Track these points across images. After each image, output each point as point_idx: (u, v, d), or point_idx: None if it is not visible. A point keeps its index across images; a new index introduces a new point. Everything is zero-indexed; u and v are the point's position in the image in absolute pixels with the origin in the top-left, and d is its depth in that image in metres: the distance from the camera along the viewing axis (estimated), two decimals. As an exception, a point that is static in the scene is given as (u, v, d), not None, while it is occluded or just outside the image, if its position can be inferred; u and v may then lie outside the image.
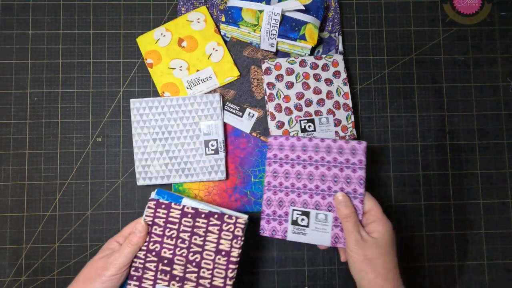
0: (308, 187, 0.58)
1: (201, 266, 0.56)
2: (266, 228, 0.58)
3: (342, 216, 0.54)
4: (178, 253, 0.56)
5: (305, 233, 0.57)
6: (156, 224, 0.57)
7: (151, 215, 0.57)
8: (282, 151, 0.60)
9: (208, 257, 0.56)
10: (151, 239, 0.56)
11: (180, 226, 0.57)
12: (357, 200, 0.56)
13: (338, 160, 0.57)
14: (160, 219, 0.57)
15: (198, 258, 0.56)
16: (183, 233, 0.57)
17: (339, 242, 0.56)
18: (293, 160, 0.59)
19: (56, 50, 0.71)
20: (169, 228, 0.57)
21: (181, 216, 0.57)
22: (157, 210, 0.57)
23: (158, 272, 0.55)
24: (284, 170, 0.59)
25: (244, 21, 0.68)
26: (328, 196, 0.57)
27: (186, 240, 0.56)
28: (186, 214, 0.57)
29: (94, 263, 0.54)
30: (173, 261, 0.56)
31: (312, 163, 0.58)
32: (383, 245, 0.52)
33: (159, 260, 0.56)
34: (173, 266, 0.56)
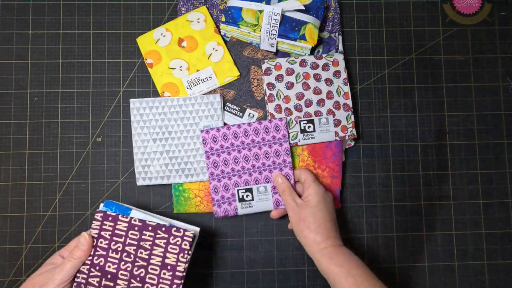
0: (246, 168, 0.66)
1: (146, 281, 0.54)
2: (219, 212, 0.66)
3: (280, 191, 0.64)
4: (123, 268, 0.54)
5: (252, 206, 0.66)
6: (102, 237, 0.55)
7: (97, 227, 0.56)
8: (216, 142, 0.66)
9: (153, 271, 0.54)
10: (96, 252, 0.55)
11: (126, 239, 0.55)
12: (287, 168, 0.66)
13: (266, 139, 0.66)
14: (106, 231, 0.56)
15: (142, 273, 0.54)
16: (128, 247, 0.55)
17: (281, 205, 0.66)
18: (228, 148, 0.66)
19: (56, 50, 0.71)
20: (114, 241, 0.55)
21: (127, 228, 0.56)
22: (103, 222, 0.56)
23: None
24: (223, 158, 0.66)
25: (244, 21, 0.68)
26: (263, 171, 0.66)
27: (132, 254, 0.55)
28: (133, 227, 0.56)
29: (32, 279, 0.52)
30: (117, 276, 0.54)
31: (245, 147, 0.66)
32: (314, 204, 0.59)
33: (102, 275, 0.54)
34: (116, 281, 0.54)
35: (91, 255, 0.55)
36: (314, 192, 0.61)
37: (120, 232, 0.56)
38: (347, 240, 0.69)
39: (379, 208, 0.70)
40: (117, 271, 0.54)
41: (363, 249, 0.69)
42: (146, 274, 0.54)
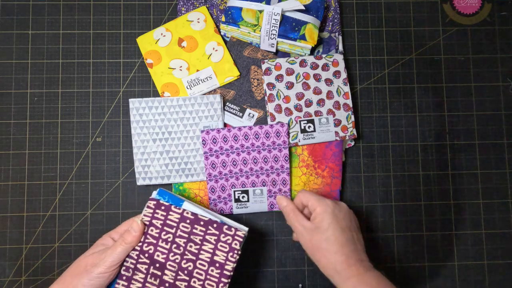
0: (244, 171, 0.66)
1: (193, 275, 0.54)
2: (214, 210, 0.66)
3: (285, 215, 0.59)
4: (171, 259, 0.54)
5: (247, 207, 0.67)
6: (153, 225, 0.55)
7: (149, 215, 0.56)
8: (216, 144, 0.66)
9: (201, 267, 0.54)
10: (145, 240, 0.55)
11: (177, 230, 0.55)
12: (285, 173, 0.67)
13: (266, 144, 0.66)
14: (158, 220, 0.55)
15: (191, 267, 0.54)
16: (179, 239, 0.55)
17: (275, 207, 0.67)
18: (227, 150, 0.66)
19: (56, 50, 0.71)
20: (165, 231, 0.55)
21: (179, 220, 0.55)
22: (156, 211, 0.56)
23: (148, 276, 0.54)
24: (221, 160, 0.66)
25: (244, 21, 0.68)
26: (261, 175, 0.66)
27: (181, 246, 0.55)
28: (185, 219, 0.55)
29: (84, 258, 0.53)
30: (165, 266, 0.54)
31: (244, 150, 0.66)
32: (325, 228, 0.53)
33: (151, 262, 0.54)
34: (164, 271, 0.54)
35: (141, 241, 0.54)
36: (322, 212, 0.54)
37: (172, 223, 0.55)
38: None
39: (379, 208, 0.70)
40: (166, 262, 0.54)
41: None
42: (194, 269, 0.54)
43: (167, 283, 0.54)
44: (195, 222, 0.55)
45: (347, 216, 0.56)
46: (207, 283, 0.54)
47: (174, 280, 0.54)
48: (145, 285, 0.53)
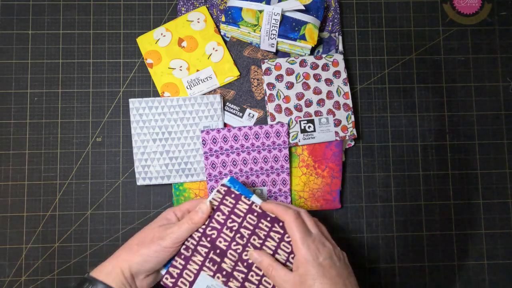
0: (244, 171, 0.66)
1: (252, 269, 0.52)
2: None
3: (264, 270, 0.52)
4: (233, 248, 0.53)
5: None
6: (221, 211, 0.54)
7: (218, 200, 0.54)
8: (216, 144, 0.66)
9: None
10: (210, 223, 0.53)
11: (243, 221, 0.54)
12: (285, 173, 0.67)
13: (266, 144, 0.66)
14: (226, 207, 0.54)
15: (250, 260, 0.53)
16: (244, 229, 0.54)
17: None
18: (227, 150, 0.66)
19: (56, 50, 0.71)
20: (232, 219, 0.54)
21: (247, 211, 0.54)
22: (225, 197, 0.54)
23: (207, 260, 0.53)
24: (221, 160, 0.66)
25: (244, 21, 0.68)
26: (261, 175, 0.66)
27: (245, 238, 0.53)
28: (253, 212, 0.54)
29: (151, 229, 0.53)
30: (226, 253, 0.53)
31: (244, 150, 0.66)
32: (310, 285, 0.47)
33: (212, 247, 0.53)
34: (224, 258, 0.53)
35: (204, 224, 0.53)
36: (306, 262, 0.48)
37: (239, 213, 0.54)
38: (347, 240, 0.69)
39: (379, 208, 0.70)
40: (227, 249, 0.53)
41: (363, 249, 0.69)
42: (253, 263, 0.53)
43: (224, 271, 0.52)
44: (262, 217, 0.54)
45: (333, 259, 0.49)
46: (264, 280, 0.52)
47: (232, 270, 0.53)
48: (202, 268, 0.53)
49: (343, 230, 0.69)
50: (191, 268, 0.53)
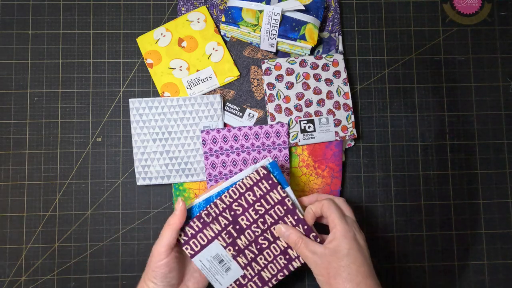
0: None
1: (262, 253, 0.55)
2: None
3: (291, 245, 0.53)
4: (253, 229, 0.54)
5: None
6: (253, 191, 0.54)
7: (254, 180, 0.54)
8: (216, 144, 0.66)
9: (273, 250, 0.55)
10: (238, 199, 0.54)
11: (271, 209, 0.54)
12: (285, 173, 0.66)
13: (266, 144, 0.66)
14: (259, 190, 0.54)
15: (265, 245, 0.55)
16: (268, 217, 0.54)
17: None
18: (227, 150, 0.66)
19: (56, 50, 0.71)
20: (261, 203, 0.54)
21: (278, 202, 0.54)
22: (262, 180, 0.54)
23: (224, 231, 0.54)
24: (221, 160, 0.66)
25: (244, 21, 0.68)
26: None
27: (267, 224, 0.54)
28: (283, 205, 0.54)
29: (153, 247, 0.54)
30: (244, 232, 0.54)
31: (244, 150, 0.66)
32: (344, 253, 0.48)
33: (232, 222, 0.54)
34: (240, 235, 0.54)
35: (233, 198, 0.54)
36: (342, 236, 0.49)
37: (270, 200, 0.54)
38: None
39: (379, 208, 0.70)
40: (246, 228, 0.54)
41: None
42: (266, 248, 0.55)
43: (237, 246, 0.54)
44: (290, 213, 0.54)
45: (367, 247, 0.51)
46: (270, 266, 0.55)
47: (245, 248, 0.55)
48: (217, 237, 0.54)
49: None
50: (206, 234, 0.54)
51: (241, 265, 0.55)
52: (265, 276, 0.55)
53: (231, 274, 0.55)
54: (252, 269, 0.55)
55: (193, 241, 0.54)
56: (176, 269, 0.53)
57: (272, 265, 0.55)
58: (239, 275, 0.55)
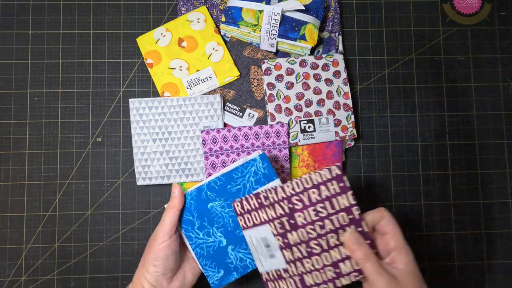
0: None
1: (310, 258, 0.49)
2: None
3: (358, 259, 0.47)
4: (307, 230, 0.49)
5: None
6: (319, 190, 0.49)
7: (324, 178, 0.49)
8: (216, 144, 0.66)
9: (324, 259, 0.49)
10: (300, 194, 0.50)
11: (334, 215, 0.49)
12: (285, 173, 0.66)
13: (266, 144, 0.66)
14: (326, 191, 0.49)
15: (316, 251, 0.49)
16: (329, 222, 0.49)
17: None
18: (227, 150, 0.66)
19: (56, 50, 0.71)
20: (324, 205, 0.49)
21: (344, 209, 0.49)
22: (332, 181, 0.49)
23: (278, 220, 0.51)
24: (221, 160, 0.66)
25: (244, 21, 0.68)
26: None
27: (324, 230, 0.49)
28: (349, 213, 0.49)
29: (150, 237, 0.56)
30: (297, 229, 0.50)
31: (244, 150, 0.66)
32: (412, 275, 0.46)
33: (289, 215, 0.50)
34: (292, 231, 0.50)
35: (294, 192, 0.50)
36: (410, 261, 0.47)
37: (336, 205, 0.49)
38: (347, 240, 0.69)
39: (379, 208, 0.70)
40: (301, 226, 0.50)
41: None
42: (316, 254, 0.49)
43: (286, 239, 0.50)
44: (355, 223, 0.49)
45: None
46: (315, 274, 0.49)
47: (294, 245, 0.50)
48: (270, 223, 0.51)
49: (343, 230, 0.69)
50: (261, 215, 0.52)
51: (285, 259, 0.51)
52: (307, 281, 0.50)
53: (274, 262, 0.52)
54: (296, 268, 0.50)
55: (247, 216, 0.53)
56: (176, 252, 0.54)
57: (318, 273, 0.49)
58: (281, 267, 0.51)
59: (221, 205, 0.56)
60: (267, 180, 0.56)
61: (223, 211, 0.56)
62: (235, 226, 0.56)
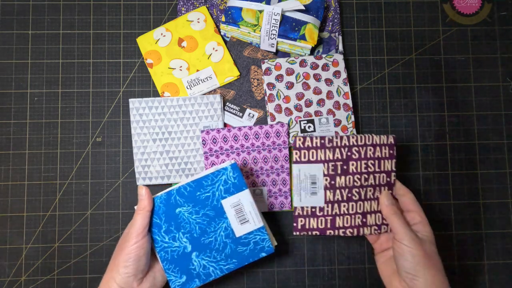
0: (244, 171, 0.66)
1: (348, 203, 0.58)
2: None
3: (387, 214, 0.56)
4: (355, 178, 0.58)
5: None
6: (375, 148, 0.58)
7: (382, 142, 0.59)
8: (216, 144, 0.66)
9: (357, 207, 0.58)
10: (360, 147, 0.58)
11: (379, 173, 0.58)
12: (285, 173, 0.67)
13: (266, 144, 0.66)
14: (379, 152, 0.58)
15: (354, 197, 0.58)
16: (372, 177, 0.58)
17: (275, 208, 0.66)
18: (227, 150, 0.66)
19: (56, 50, 0.71)
20: (374, 162, 0.58)
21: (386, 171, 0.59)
22: (386, 146, 0.59)
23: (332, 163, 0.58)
24: (221, 160, 0.66)
25: (244, 21, 0.68)
26: (261, 175, 0.66)
27: (367, 182, 0.58)
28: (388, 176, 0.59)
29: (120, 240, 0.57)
30: (347, 175, 0.58)
31: (244, 150, 0.66)
32: (433, 244, 0.54)
33: (344, 160, 0.58)
34: (342, 176, 0.58)
35: (357, 143, 0.58)
36: (430, 231, 0.55)
37: (382, 166, 0.59)
38: (347, 240, 0.69)
39: (379, 208, 0.70)
40: (351, 174, 0.58)
41: (363, 249, 0.69)
42: (353, 201, 0.58)
43: (333, 181, 0.58)
44: (389, 186, 0.60)
45: None
46: (346, 218, 0.58)
47: (338, 188, 0.58)
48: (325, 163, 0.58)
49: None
50: (319, 153, 0.58)
51: (326, 198, 0.58)
52: (337, 223, 0.58)
53: (313, 199, 0.58)
54: (332, 209, 0.58)
55: (305, 152, 0.58)
56: (148, 253, 0.54)
57: (349, 217, 0.58)
58: (319, 206, 0.58)
59: (189, 211, 0.56)
60: (236, 190, 0.56)
61: (190, 217, 0.56)
62: (201, 233, 0.56)
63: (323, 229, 0.58)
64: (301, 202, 0.58)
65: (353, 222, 0.58)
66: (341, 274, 0.68)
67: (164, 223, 0.56)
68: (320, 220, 0.58)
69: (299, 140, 0.58)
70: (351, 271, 0.68)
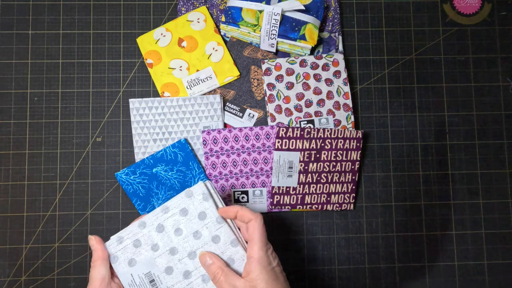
0: (244, 171, 0.67)
1: (316, 185, 0.66)
2: None
3: (211, 276, 0.48)
4: (325, 165, 0.66)
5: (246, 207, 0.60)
6: (344, 141, 0.66)
7: (351, 135, 0.66)
8: (216, 144, 0.66)
9: (324, 188, 0.67)
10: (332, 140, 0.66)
11: (344, 162, 0.67)
12: None
13: (266, 145, 0.67)
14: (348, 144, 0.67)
15: (322, 181, 0.66)
16: (339, 164, 0.67)
17: (275, 208, 0.67)
18: (228, 150, 0.66)
19: (56, 50, 0.71)
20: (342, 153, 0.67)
21: (351, 160, 0.67)
22: (353, 140, 0.67)
23: (307, 152, 0.66)
24: (221, 160, 0.66)
25: (244, 21, 0.68)
26: (261, 176, 0.67)
27: (335, 168, 0.66)
28: (354, 164, 0.68)
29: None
30: (318, 162, 0.66)
31: (244, 151, 0.67)
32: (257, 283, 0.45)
33: (318, 150, 0.66)
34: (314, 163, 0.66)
35: (331, 137, 0.66)
36: (260, 265, 0.46)
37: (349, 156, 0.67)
38: (347, 240, 0.69)
39: (379, 208, 0.70)
40: (322, 161, 0.66)
41: (363, 249, 0.69)
42: (320, 183, 0.67)
43: (307, 167, 0.66)
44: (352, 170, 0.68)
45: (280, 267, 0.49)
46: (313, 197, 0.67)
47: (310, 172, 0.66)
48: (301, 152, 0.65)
49: (343, 230, 0.69)
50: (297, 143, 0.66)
51: (299, 180, 0.66)
52: (306, 200, 0.66)
53: (289, 181, 0.66)
54: (303, 189, 0.66)
55: (285, 141, 0.65)
56: None
57: (316, 196, 0.67)
58: (292, 186, 0.66)
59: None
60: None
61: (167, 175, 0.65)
62: None
63: (294, 204, 0.66)
64: (278, 182, 0.66)
65: (319, 200, 0.67)
66: (341, 274, 0.68)
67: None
68: (293, 197, 0.66)
69: (282, 130, 0.65)
70: (351, 271, 0.68)
